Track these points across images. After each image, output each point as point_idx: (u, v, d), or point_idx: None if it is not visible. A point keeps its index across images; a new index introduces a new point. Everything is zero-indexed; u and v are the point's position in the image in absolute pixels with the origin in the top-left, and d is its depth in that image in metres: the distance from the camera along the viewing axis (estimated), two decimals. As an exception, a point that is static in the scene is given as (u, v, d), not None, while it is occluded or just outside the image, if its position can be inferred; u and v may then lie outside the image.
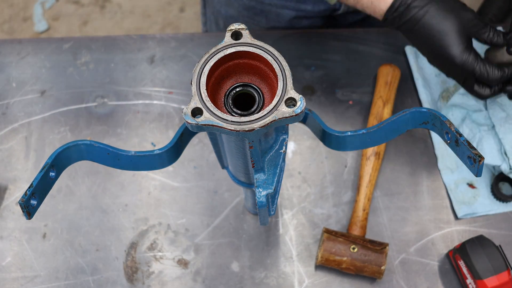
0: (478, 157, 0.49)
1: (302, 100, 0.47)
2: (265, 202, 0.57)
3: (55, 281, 0.86)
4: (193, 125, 0.47)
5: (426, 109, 0.54)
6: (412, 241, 0.88)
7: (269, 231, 0.89)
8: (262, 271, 0.87)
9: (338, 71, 1.00)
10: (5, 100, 0.99)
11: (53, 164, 0.52)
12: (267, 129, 0.47)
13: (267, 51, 0.49)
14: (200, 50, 1.02)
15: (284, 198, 0.91)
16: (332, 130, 0.59)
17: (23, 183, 0.92)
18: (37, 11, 2.31)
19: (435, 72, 1.00)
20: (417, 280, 0.86)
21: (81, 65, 1.02)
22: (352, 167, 0.93)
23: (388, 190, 0.91)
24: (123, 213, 0.90)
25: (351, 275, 0.86)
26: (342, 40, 1.03)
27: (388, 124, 0.57)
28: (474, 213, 0.89)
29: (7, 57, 1.02)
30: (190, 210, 0.91)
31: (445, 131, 0.53)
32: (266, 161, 0.57)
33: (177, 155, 0.59)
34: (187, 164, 0.94)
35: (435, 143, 0.94)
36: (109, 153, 0.56)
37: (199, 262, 0.87)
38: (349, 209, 0.90)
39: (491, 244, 0.81)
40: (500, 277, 0.78)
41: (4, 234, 0.89)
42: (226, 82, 0.52)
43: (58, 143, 0.95)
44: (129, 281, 0.86)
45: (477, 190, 0.91)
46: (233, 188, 0.91)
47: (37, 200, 0.50)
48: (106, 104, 0.98)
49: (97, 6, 2.32)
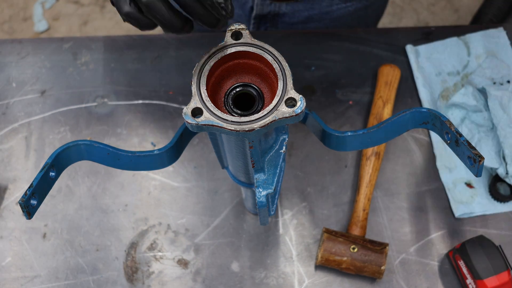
0: (478, 157, 0.49)
1: (302, 100, 0.47)
2: (265, 202, 0.57)
3: (55, 281, 0.86)
4: (193, 125, 0.47)
5: (426, 109, 0.54)
6: (412, 241, 0.88)
7: (269, 231, 0.89)
8: (262, 271, 0.87)
9: (338, 71, 1.00)
10: (5, 100, 0.99)
11: (53, 164, 0.52)
12: (267, 129, 0.47)
13: (267, 51, 0.49)
14: (200, 50, 1.02)
15: (284, 198, 0.91)
16: (332, 130, 0.59)
17: (23, 183, 0.92)
18: (37, 11, 2.31)
19: (435, 71, 1.00)
20: (417, 280, 0.86)
21: (81, 65, 1.02)
22: (352, 167, 0.93)
23: (388, 190, 0.92)
24: (123, 213, 0.90)
25: (351, 275, 0.86)
26: (342, 40, 1.03)
27: (388, 124, 0.57)
28: (472, 213, 0.89)
29: (7, 57, 1.02)
30: (190, 210, 0.91)
31: (445, 131, 0.53)
32: (266, 161, 0.58)
33: (177, 155, 0.59)
34: (187, 164, 0.94)
35: (434, 142, 0.94)
36: (109, 153, 0.56)
37: (199, 262, 0.87)
38: (349, 209, 0.90)
39: (491, 244, 0.81)
40: (500, 277, 0.78)
41: (4, 234, 0.89)
42: (226, 82, 0.52)
43: (58, 143, 0.95)
44: (129, 281, 0.86)
45: (475, 190, 0.91)
46: (233, 188, 0.91)
47: (37, 200, 0.50)
48: (106, 104, 0.98)
49: (97, 6, 2.32)
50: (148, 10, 0.47)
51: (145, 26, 0.50)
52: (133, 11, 0.49)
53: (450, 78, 0.99)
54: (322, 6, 1.05)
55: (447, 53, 1.01)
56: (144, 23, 0.49)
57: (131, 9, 0.48)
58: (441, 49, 1.01)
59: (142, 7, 0.48)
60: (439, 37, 1.02)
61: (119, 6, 0.49)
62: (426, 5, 2.25)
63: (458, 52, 1.01)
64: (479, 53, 1.01)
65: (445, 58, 1.00)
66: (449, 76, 1.00)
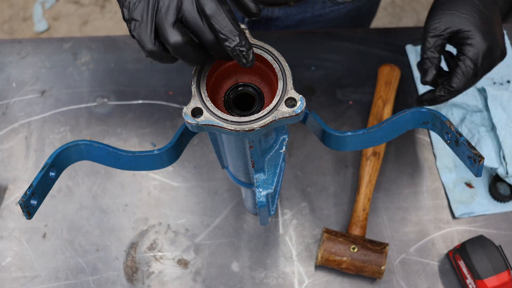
0: (478, 157, 0.49)
1: (302, 100, 0.47)
2: (265, 202, 0.57)
3: (55, 281, 0.86)
4: (193, 125, 0.47)
5: (426, 109, 0.54)
6: (412, 241, 0.88)
7: (269, 231, 0.89)
8: (262, 271, 0.87)
9: (338, 71, 1.00)
10: (5, 100, 0.99)
11: (53, 164, 0.52)
12: (267, 129, 0.47)
13: (267, 51, 0.49)
14: (200, 50, 1.02)
15: (284, 198, 0.91)
16: (332, 130, 0.59)
17: (23, 183, 0.92)
18: (37, 11, 2.31)
19: (435, 72, 1.00)
20: (417, 280, 0.86)
21: (81, 65, 1.02)
22: (352, 167, 0.93)
23: (388, 190, 0.91)
24: (123, 213, 0.90)
25: (351, 275, 0.86)
26: (342, 40, 1.03)
27: (388, 124, 0.57)
28: (472, 213, 0.89)
29: (7, 57, 1.02)
30: (190, 210, 0.91)
31: (445, 131, 0.53)
32: (266, 161, 0.58)
33: (177, 155, 0.59)
34: (187, 164, 0.94)
35: (434, 142, 0.94)
36: (109, 153, 0.56)
37: (199, 262, 0.87)
38: (349, 209, 0.90)
39: (491, 244, 0.81)
40: (500, 277, 0.78)
41: (4, 234, 0.89)
42: (226, 82, 0.52)
43: (58, 143, 0.95)
44: (129, 281, 0.86)
45: (475, 190, 0.91)
46: (233, 188, 0.91)
47: (37, 200, 0.50)
48: (106, 104, 0.98)
49: (97, 6, 2.32)
50: (175, 51, 0.47)
51: (167, 62, 0.50)
52: (157, 50, 0.48)
53: None
54: (315, 9, 1.04)
55: (447, 53, 1.01)
56: (168, 59, 0.50)
57: (155, 48, 0.48)
58: (441, 49, 1.01)
59: (169, 48, 0.48)
60: (439, 37, 1.02)
61: (143, 43, 0.48)
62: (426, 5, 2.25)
63: (458, 52, 1.01)
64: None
65: (445, 58, 1.00)
66: (449, 76, 0.99)
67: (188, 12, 0.47)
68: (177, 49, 0.47)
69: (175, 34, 0.47)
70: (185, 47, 0.47)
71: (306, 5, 1.02)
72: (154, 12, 0.48)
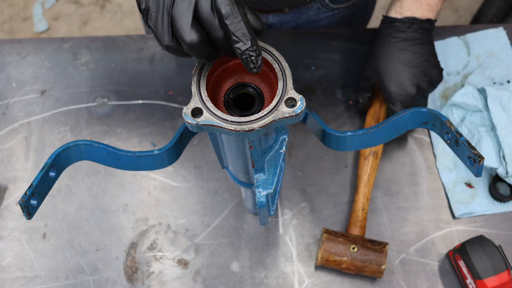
0: (478, 157, 0.49)
1: (302, 100, 0.47)
2: (265, 202, 0.57)
3: (55, 281, 0.86)
4: (193, 125, 0.47)
5: (426, 109, 0.54)
6: (412, 241, 0.88)
7: (269, 231, 0.89)
8: (262, 271, 0.87)
9: (338, 71, 1.00)
10: (5, 100, 0.99)
11: (53, 164, 0.52)
12: (267, 129, 0.47)
13: (267, 51, 0.49)
14: (200, 50, 1.02)
15: (284, 198, 0.91)
16: (332, 130, 0.59)
17: (23, 183, 0.92)
18: (37, 11, 2.31)
19: (435, 72, 1.00)
20: (417, 280, 0.86)
21: (81, 65, 1.02)
22: (352, 167, 0.93)
23: (388, 190, 0.91)
24: (123, 213, 0.90)
25: (351, 275, 0.86)
26: (342, 40, 1.03)
27: (388, 124, 0.57)
28: (472, 213, 0.89)
29: (7, 57, 1.02)
30: (190, 210, 0.91)
31: (445, 131, 0.53)
32: (266, 161, 0.57)
33: (177, 155, 0.59)
34: (187, 164, 0.94)
35: (434, 142, 0.94)
36: (109, 153, 0.56)
37: (199, 262, 0.87)
38: (349, 209, 0.90)
39: (491, 244, 0.81)
40: (500, 277, 0.78)
41: (4, 234, 0.89)
42: (226, 82, 0.52)
43: (58, 143, 0.95)
44: (129, 281, 0.86)
45: (475, 190, 0.91)
46: (233, 188, 0.91)
47: (37, 200, 0.50)
48: (106, 104, 0.98)
49: (97, 6, 2.32)
50: (190, 48, 0.48)
51: (182, 56, 0.51)
52: (174, 45, 0.49)
53: (450, 78, 0.99)
54: (310, 15, 1.04)
55: (447, 53, 1.01)
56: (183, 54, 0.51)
57: (172, 43, 0.49)
58: (441, 49, 1.01)
59: (183, 45, 0.48)
60: (439, 37, 1.02)
61: (160, 37, 0.49)
62: (426, 5, 2.24)
63: (458, 52, 1.01)
64: (479, 53, 1.01)
65: (445, 58, 1.00)
66: (449, 76, 0.99)
67: (203, 10, 0.47)
68: (191, 47, 0.48)
69: (192, 33, 0.47)
70: (199, 45, 0.48)
71: (301, 11, 1.02)
72: (171, 5, 0.48)
